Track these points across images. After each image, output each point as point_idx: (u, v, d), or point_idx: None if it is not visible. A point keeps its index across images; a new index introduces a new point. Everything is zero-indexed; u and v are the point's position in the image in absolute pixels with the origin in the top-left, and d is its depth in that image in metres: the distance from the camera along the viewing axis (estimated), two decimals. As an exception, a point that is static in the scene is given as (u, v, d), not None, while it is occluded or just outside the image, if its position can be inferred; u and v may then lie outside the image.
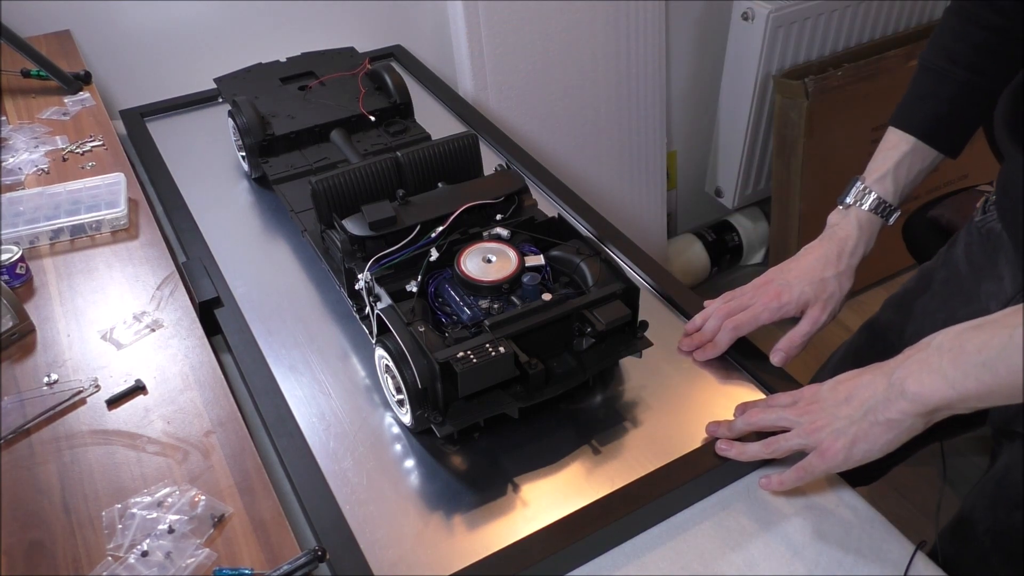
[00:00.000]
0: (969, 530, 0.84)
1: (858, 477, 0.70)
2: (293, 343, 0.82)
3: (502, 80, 1.49)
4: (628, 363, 0.79)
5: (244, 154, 1.03)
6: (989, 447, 0.87)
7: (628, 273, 0.77)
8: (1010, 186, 0.75)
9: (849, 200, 0.81)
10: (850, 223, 0.80)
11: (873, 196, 0.80)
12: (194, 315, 0.80)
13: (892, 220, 0.81)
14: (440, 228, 0.76)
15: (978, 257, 0.83)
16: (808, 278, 0.79)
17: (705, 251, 1.99)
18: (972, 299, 0.83)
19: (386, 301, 0.72)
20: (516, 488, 0.69)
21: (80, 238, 0.89)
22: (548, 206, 0.99)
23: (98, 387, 0.72)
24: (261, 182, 1.05)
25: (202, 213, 0.99)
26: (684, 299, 0.86)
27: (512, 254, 0.74)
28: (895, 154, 0.80)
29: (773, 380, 0.76)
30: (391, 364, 0.69)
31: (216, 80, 1.10)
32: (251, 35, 1.34)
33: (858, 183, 0.81)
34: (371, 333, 0.75)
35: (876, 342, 0.97)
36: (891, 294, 0.98)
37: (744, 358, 0.79)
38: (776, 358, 0.78)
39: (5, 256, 0.81)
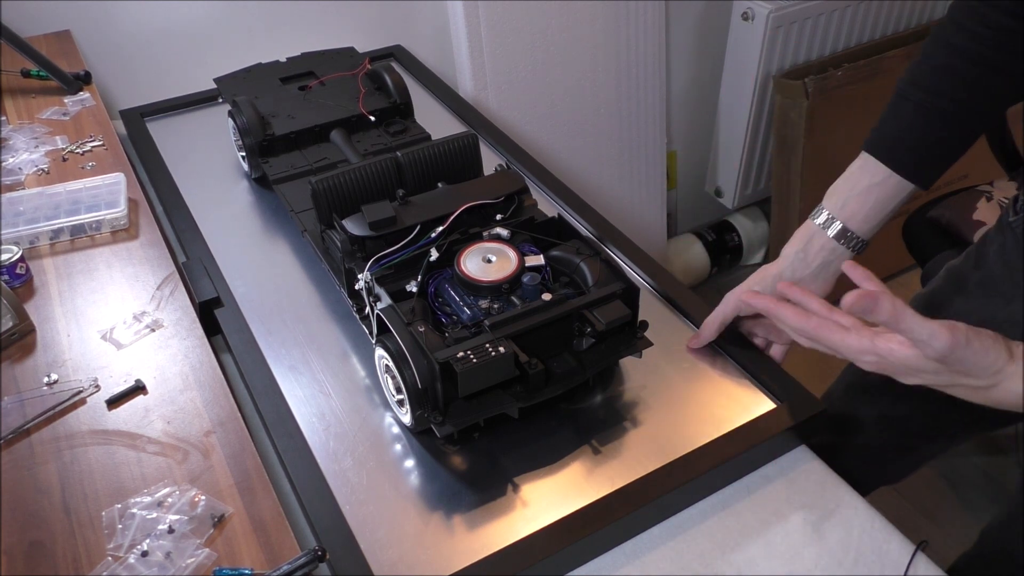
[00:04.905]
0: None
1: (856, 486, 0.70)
2: (293, 343, 0.82)
3: (502, 80, 1.49)
4: (628, 363, 0.79)
5: (244, 154, 1.03)
6: (988, 448, 0.87)
7: (628, 273, 0.77)
8: None
9: (832, 235, 0.78)
10: (824, 247, 0.78)
11: (854, 238, 0.78)
12: (194, 315, 0.80)
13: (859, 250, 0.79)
14: (440, 228, 0.76)
15: (1013, 257, 0.82)
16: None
17: (705, 251, 1.99)
18: (1011, 300, 0.82)
19: (386, 301, 0.72)
20: (516, 488, 0.69)
21: (80, 238, 0.89)
22: (548, 206, 0.99)
23: (98, 387, 0.72)
24: (261, 182, 1.05)
25: (202, 213, 0.99)
26: (684, 299, 0.86)
27: (512, 254, 0.74)
28: (886, 200, 0.77)
29: (774, 380, 0.76)
30: (391, 364, 0.69)
31: (216, 80, 1.10)
32: (251, 35, 1.34)
33: (839, 223, 0.77)
34: (371, 333, 0.75)
35: None
36: (917, 292, 0.97)
37: (745, 358, 0.79)
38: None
39: (5, 256, 0.81)
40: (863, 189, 0.76)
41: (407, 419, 0.71)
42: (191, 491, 0.63)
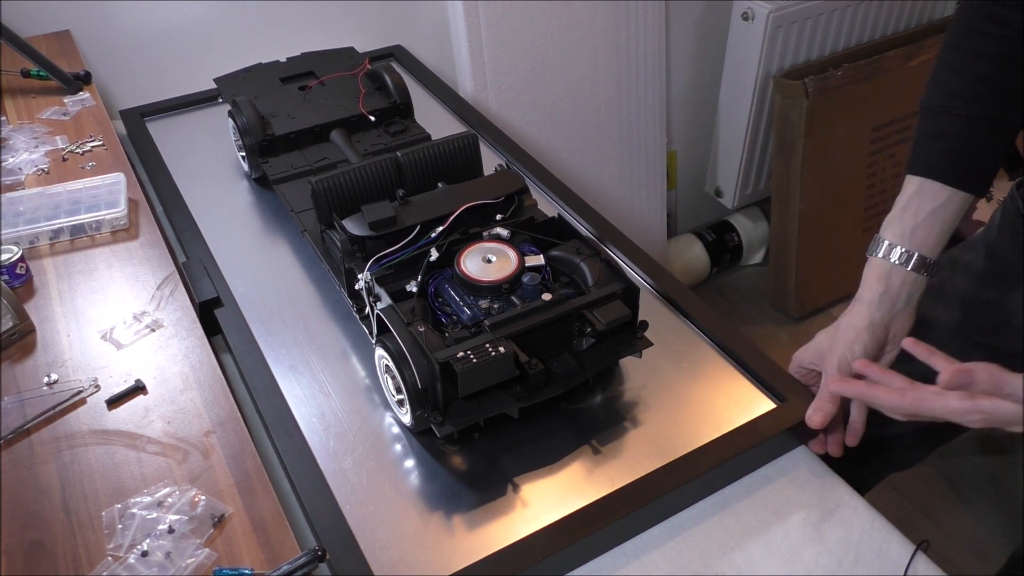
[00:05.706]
0: None
1: (854, 484, 0.70)
2: (293, 343, 0.82)
3: (502, 80, 1.49)
4: (628, 363, 0.79)
5: (244, 154, 1.03)
6: (988, 447, 0.86)
7: (628, 273, 0.77)
8: None
9: (910, 268, 0.75)
10: (905, 281, 0.76)
11: (931, 264, 0.76)
12: (194, 315, 0.80)
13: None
14: (440, 228, 0.76)
15: None
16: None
17: (705, 251, 1.99)
18: None
19: (386, 301, 0.72)
20: (516, 488, 0.69)
21: (80, 238, 0.89)
22: (548, 206, 0.99)
23: (98, 387, 0.72)
24: (261, 182, 1.05)
25: (202, 213, 0.99)
26: (684, 299, 0.86)
27: (512, 254, 0.74)
28: (952, 220, 0.76)
29: (774, 381, 0.76)
30: (391, 364, 0.69)
31: (216, 80, 1.10)
32: (251, 35, 1.34)
33: (913, 253, 0.75)
34: (371, 333, 0.75)
35: (922, 333, 0.95)
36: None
37: (745, 357, 0.79)
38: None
39: (5, 256, 0.81)
40: (928, 214, 0.75)
41: (407, 419, 0.71)
42: (191, 491, 0.63)
